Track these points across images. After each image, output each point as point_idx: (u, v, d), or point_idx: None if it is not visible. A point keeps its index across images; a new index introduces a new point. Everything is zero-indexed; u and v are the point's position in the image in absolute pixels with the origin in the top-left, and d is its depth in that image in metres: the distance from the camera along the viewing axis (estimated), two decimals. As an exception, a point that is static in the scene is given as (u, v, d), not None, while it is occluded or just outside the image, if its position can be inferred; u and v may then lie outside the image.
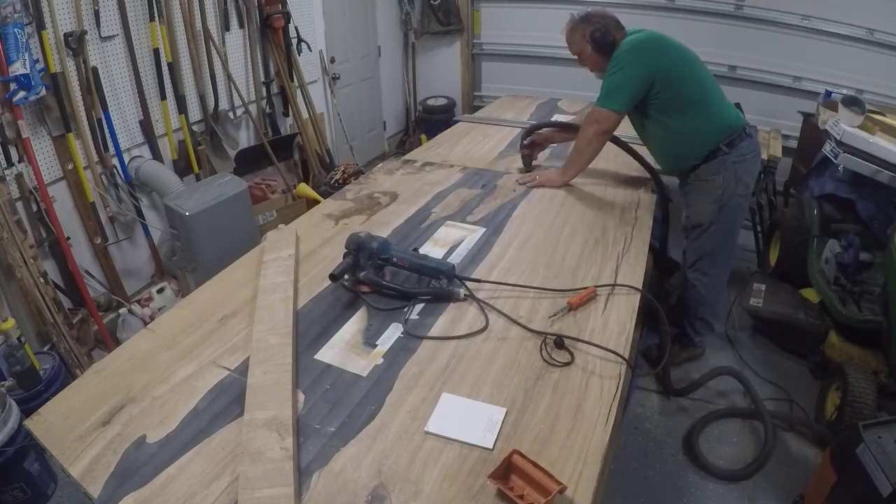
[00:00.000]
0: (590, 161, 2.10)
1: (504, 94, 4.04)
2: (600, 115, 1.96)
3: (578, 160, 2.09)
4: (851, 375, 1.92)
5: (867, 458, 1.40)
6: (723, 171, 2.01)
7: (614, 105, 1.94)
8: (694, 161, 2.06)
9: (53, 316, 2.24)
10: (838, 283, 2.39)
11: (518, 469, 0.92)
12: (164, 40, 2.80)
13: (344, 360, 1.23)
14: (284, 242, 1.70)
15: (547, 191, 2.11)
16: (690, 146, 2.03)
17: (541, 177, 2.16)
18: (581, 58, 2.09)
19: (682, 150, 2.07)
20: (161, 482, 0.94)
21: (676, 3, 4.01)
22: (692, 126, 1.98)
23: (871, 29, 3.54)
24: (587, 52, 2.03)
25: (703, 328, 2.38)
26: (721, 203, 2.05)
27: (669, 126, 2.00)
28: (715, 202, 2.05)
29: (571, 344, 1.25)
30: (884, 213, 2.47)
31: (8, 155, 2.22)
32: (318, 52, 4.07)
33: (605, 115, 1.95)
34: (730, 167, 2.01)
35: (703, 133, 2.00)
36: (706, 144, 2.01)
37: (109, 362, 1.23)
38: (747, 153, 2.03)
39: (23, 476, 1.84)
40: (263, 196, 3.40)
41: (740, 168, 2.02)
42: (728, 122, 2.01)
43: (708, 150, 2.01)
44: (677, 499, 1.89)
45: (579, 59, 2.10)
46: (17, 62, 2.09)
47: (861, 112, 2.63)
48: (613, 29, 1.98)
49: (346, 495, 0.91)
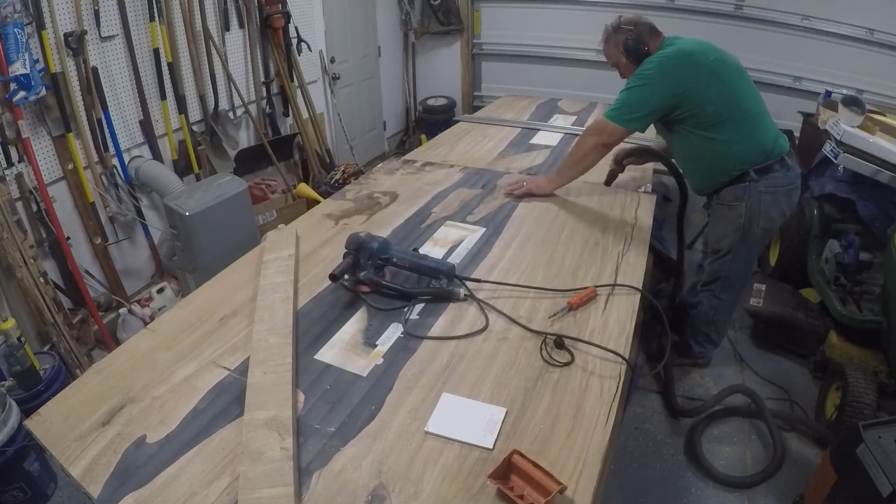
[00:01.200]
0: (584, 171, 2.00)
1: (504, 94, 4.04)
2: (606, 127, 1.85)
3: (572, 168, 1.99)
4: (851, 375, 1.92)
5: (867, 458, 1.40)
6: (747, 198, 1.87)
7: (625, 122, 1.81)
8: (720, 180, 1.93)
9: (53, 316, 2.24)
10: (838, 283, 2.39)
11: (518, 469, 0.92)
12: (164, 40, 2.80)
13: (344, 360, 1.23)
14: (284, 242, 1.70)
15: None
16: (716, 163, 1.90)
17: (529, 184, 2.06)
18: (619, 68, 1.98)
19: (707, 167, 1.94)
20: (161, 482, 0.94)
21: (676, 3, 4.02)
22: (720, 143, 1.84)
23: (871, 29, 3.54)
24: (623, 63, 1.94)
25: (704, 342, 2.32)
26: (742, 232, 1.92)
27: (694, 142, 1.88)
28: (736, 231, 1.93)
29: (571, 344, 1.25)
30: (884, 213, 2.47)
31: (8, 155, 2.22)
32: (318, 52, 4.07)
33: (612, 130, 1.84)
34: (755, 196, 1.86)
35: (732, 152, 1.84)
36: (734, 165, 1.86)
37: (109, 362, 1.23)
38: (780, 185, 1.86)
39: (23, 476, 1.84)
40: (263, 196, 3.40)
41: (767, 201, 1.87)
42: (763, 145, 1.84)
43: (737, 172, 1.87)
44: (677, 499, 1.89)
45: (619, 71, 1.99)
46: (17, 62, 2.09)
47: (861, 112, 2.63)
48: (647, 35, 1.88)
49: (346, 495, 0.91)
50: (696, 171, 2.03)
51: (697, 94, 1.78)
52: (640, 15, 1.96)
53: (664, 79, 1.77)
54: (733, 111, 1.82)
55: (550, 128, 2.99)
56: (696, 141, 1.87)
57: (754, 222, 1.91)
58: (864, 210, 2.51)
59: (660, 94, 1.78)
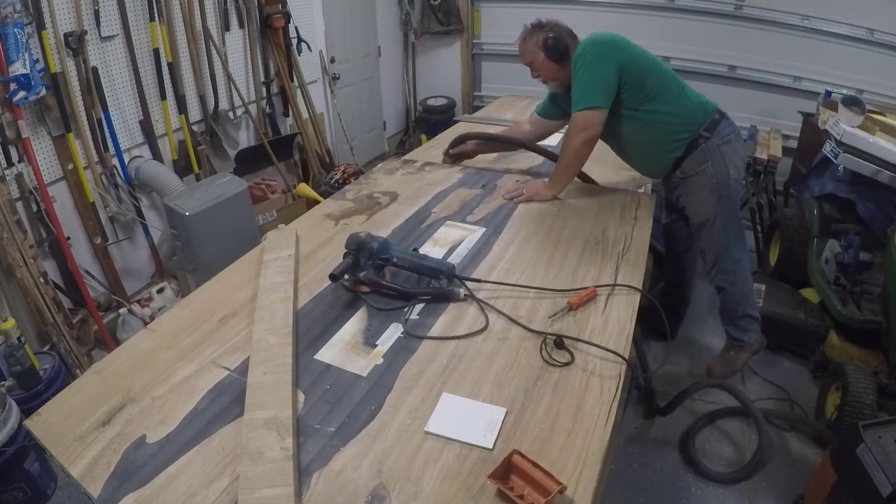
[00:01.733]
0: (578, 171, 2.03)
1: (504, 94, 4.04)
2: (583, 119, 1.87)
3: (567, 172, 2.01)
4: (851, 375, 1.92)
5: (867, 458, 1.40)
6: (710, 158, 1.94)
7: (595, 102, 1.85)
8: (676, 153, 1.99)
9: (53, 316, 2.24)
10: (838, 283, 2.39)
11: (518, 469, 0.92)
12: (164, 40, 2.80)
13: (344, 360, 1.23)
14: (284, 242, 1.70)
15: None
16: (668, 135, 1.96)
17: (528, 191, 2.05)
18: (534, 67, 2.01)
19: (660, 143, 1.99)
20: (161, 482, 0.94)
21: (676, 3, 4.01)
22: (665, 113, 1.92)
23: (871, 29, 3.54)
24: (540, 60, 1.98)
25: (748, 324, 2.20)
26: (719, 193, 1.98)
27: (642, 119, 1.93)
28: (712, 193, 1.98)
29: (571, 344, 1.25)
30: (884, 213, 2.47)
31: (8, 155, 2.23)
32: (318, 52, 4.08)
33: (589, 117, 1.86)
34: (716, 152, 1.94)
35: (679, 119, 1.94)
36: (684, 132, 1.95)
37: (109, 362, 1.23)
38: (729, 133, 1.97)
39: (23, 476, 1.84)
40: (263, 196, 3.40)
41: (727, 150, 1.95)
42: (701, 105, 1.96)
43: (688, 139, 1.95)
44: (677, 499, 1.89)
45: (532, 69, 2.03)
46: (17, 62, 2.09)
47: (861, 112, 2.63)
48: (566, 37, 1.95)
49: (346, 495, 0.91)
50: (651, 154, 2.07)
51: (633, 64, 1.87)
52: (558, 20, 2.02)
53: (604, 52, 1.85)
54: (667, 81, 1.93)
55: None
56: (645, 119, 1.94)
57: (725, 176, 1.97)
58: (864, 210, 2.52)
59: (607, 62, 1.84)
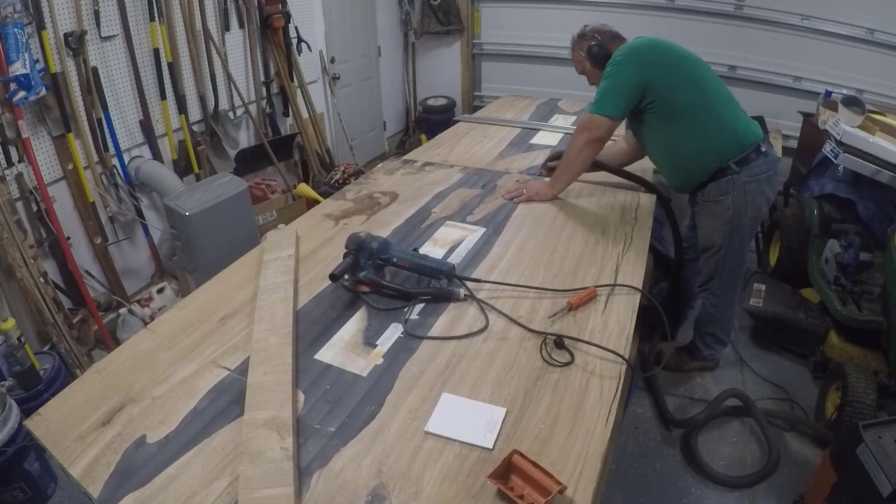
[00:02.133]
0: (580, 172, 2.00)
1: (504, 94, 4.04)
2: (592, 121, 1.87)
3: (568, 171, 1.99)
4: (851, 375, 1.92)
5: (867, 458, 1.40)
6: (732, 191, 1.88)
7: (607, 110, 1.83)
8: (700, 178, 1.94)
9: (53, 316, 2.24)
10: (838, 283, 2.39)
11: (518, 469, 0.92)
12: (164, 40, 2.79)
13: (344, 360, 1.23)
14: (284, 242, 1.70)
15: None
16: (694, 161, 1.92)
17: (528, 190, 2.05)
18: (587, 75, 2.05)
19: (685, 165, 1.96)
20: (161, 482, 0.94)
21: (676, 3, 4.01)
22: (694, 139, 1.86)
23: (871, 29, 3.54)
24: (588, 69, 2.01)
25: (712, 342, 2.31)
26: (731, 226, 1.94)
27: (669, 138, 1.90)
28: (724, 225, 1.95)
29: (571, 344, 1.25)
30: (884, 213, 2.47)
31: (8, 155, 2.22)
32: (318, 52, 4.07)
33: (597, 122, 1.85)
34: (739, 188, 1.87)
35: (708, 148, 1.87)
36: (712, 161, 1.88)
37: (109, 362, 1.23)
38: (761, 173, 1.88)
39: (23, 476, 1.84)
40: (263, 196, 3.40)
41: (752, 189, 1.88)
42: (739, 137, 1.86)
43: (715, 168, 1.88)
44: (677, 499, 1.89)
45: (587, 78, 2.06)
46: (17, 62, 2.09)
47: (861, 112, 2.63)
48: (610, 42, 1.95)
49: (346, 495, 0.91)
50: (676, 170, 2.05)
51: (666, 80, 1.81)
52: (603, 23, 2.02)
53: (632, 61, 1.81)
54: (705, 103, 1.85)
55: (550, 128, 2.99)
56: (671, 138, 1.90)
57: (742, 213, 1.93)
58: (864, 210, 2.51)
59: (631, 74, 1.81)
